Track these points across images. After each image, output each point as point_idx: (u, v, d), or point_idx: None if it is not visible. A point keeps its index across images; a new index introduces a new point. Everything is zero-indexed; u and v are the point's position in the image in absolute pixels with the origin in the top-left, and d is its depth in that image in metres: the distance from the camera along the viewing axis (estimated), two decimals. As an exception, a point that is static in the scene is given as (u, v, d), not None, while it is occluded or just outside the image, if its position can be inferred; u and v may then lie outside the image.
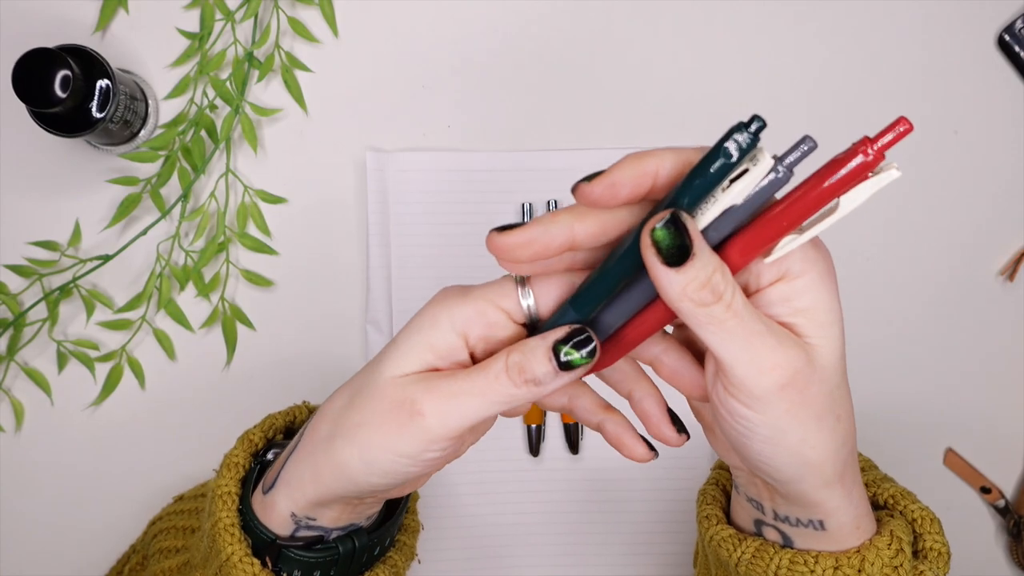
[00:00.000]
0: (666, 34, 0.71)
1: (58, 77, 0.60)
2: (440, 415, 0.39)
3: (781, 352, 0.36)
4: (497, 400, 0.38)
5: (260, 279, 0.70)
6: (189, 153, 0.68)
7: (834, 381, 0.38)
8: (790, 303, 0.37)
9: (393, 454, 0.39)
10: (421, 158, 0.70)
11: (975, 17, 0.71)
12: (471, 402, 0.38)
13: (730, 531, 0.46)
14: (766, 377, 0.36)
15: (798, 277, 0.36)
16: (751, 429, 0.37)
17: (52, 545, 0.71)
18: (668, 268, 0.34)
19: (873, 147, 0.32)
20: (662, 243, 0.34)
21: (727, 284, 0.35)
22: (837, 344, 0.38)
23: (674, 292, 0.35)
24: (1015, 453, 0.72)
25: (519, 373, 0.38)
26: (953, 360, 0.72)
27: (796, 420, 0.37)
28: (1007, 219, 0.72)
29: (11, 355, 0.69)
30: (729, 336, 0.35)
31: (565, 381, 0.38)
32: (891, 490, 0.47)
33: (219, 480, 0.48)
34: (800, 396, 0.36)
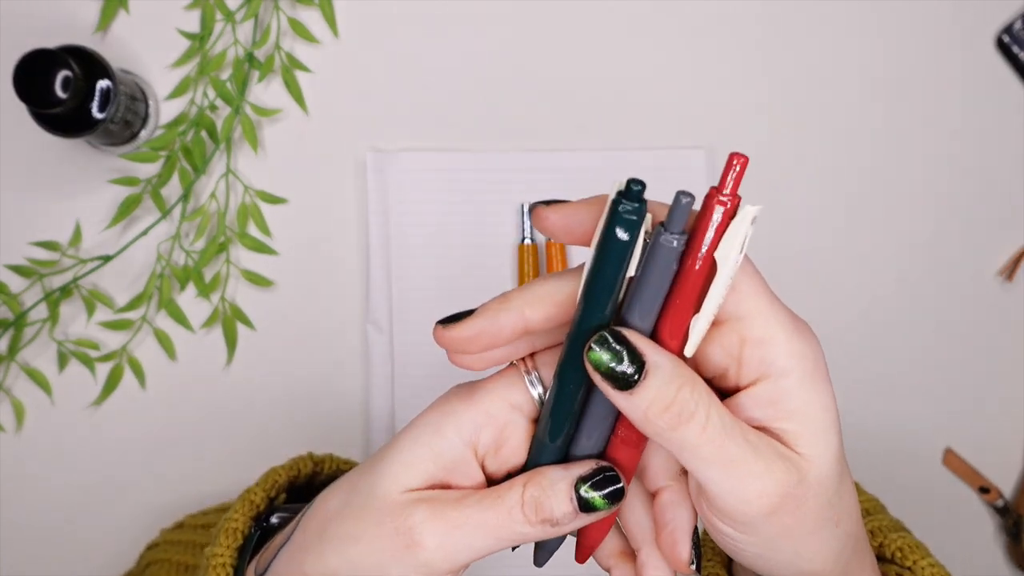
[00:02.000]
0: (666, 37, 0.72)
1: (59, 78, 0.60)
2: (442, 549, 0.34)
3: (767, 478, 0.31)
4: (507, 537, 0.34)
5: (260, 279, 0.70)
6: (189, 153, 0.68)
7: (831, 489, 0.33)
8: (777, 406, 0.32)
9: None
10: (421, 158, 0.70)
11: (974, 18, 0.71)
12: (478, 536, 0.34)
13: None
14: (752, 506, 0.31)
15: (784, 376, 0.32)
16: (740, 547, 0.34)
17: (52, 545, 0.71)
18: (620, 393, 0.30)
19: (723, 193, 0.29)
20: (601, 367, 0.30)
21: (698, 401, 0.31)
22: (832, 449, 0.33)
23: (636, 417, 0.31)
24: (1014, 453, 0.72)
25: (535, 511, 0.33)
26: (953, 360, 0.72)
27: (788, 539, 0.33)
28: (1007, 219, 0.72)
29: (12, 355, 0.69)
30: (705, 463, 0.31)
31: (587, 522, 0.34)
32: (899, 542, 0.44)
33: (215, 548, 0.43)
34: (791, 518, 0.32)
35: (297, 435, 0.71)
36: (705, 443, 0.31)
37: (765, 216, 0.75)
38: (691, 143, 0.71)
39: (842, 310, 0.72)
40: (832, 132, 0.71)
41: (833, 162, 0.72)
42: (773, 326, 0.32)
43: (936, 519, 0.71)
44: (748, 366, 0.32)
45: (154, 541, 0.64)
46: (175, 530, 0.63)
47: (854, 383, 0.72)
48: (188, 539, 0.60)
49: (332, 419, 0.71)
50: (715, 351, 0.32)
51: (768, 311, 0.32)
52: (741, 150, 0.32)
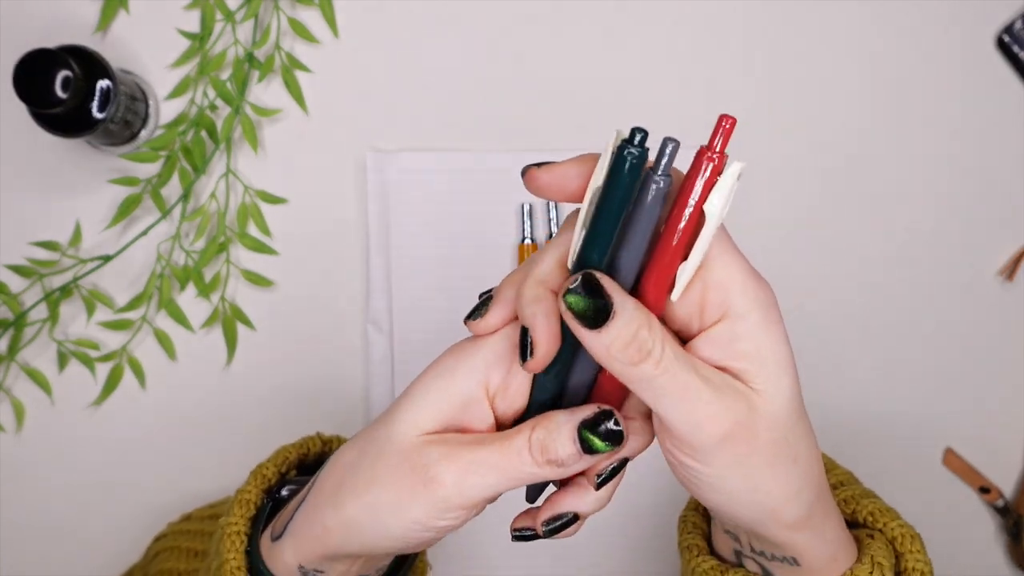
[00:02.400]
0: (666, 37, 0.72)
1: (59, 77, 0.60)
2: (458, 485, 0.37)
3: (717, 404, 0.34)
4: (517, 477, 0.37)
5: (260, 279, 0.70)
6: (189, 153, 0.68)
7: (786, 426, 0.36)
8: (733, 345, 0.35)
9: (406, 519, 0.37)
10: (421, 158, 0.70)
11: (974, 18, 0.71)
12: (490, 476, 0.37)
13: (712, 562, 0.45)
14: (704, 431, 0.34)
15: (741, 317, 0.35)
16: (700, 479, 0.36)
17: (52, 545, 0.71)
18: (588, 331, 0.33)
19: (714, 151, 0.33)
20: (575, 308, 0.33)
21: (655, 340, 0.33)
22: (786, 389, 0.35)
23: (600, 353, 0.34)
24: (1014, 453, 0.72)
25: (541, 452, 0.36)
26: (952, 360, 0.72)
27: (744, 469, 0.35)
28: (1007, 219, 0.72)
29: (12, 355, 0.69)
30: (661, 393, 0.34)
31: (588, 465, 0.37)
32: (870, 507, 0.46)
33: (229, 518, 0.45)
34: (745, 446, 0.35)
35: (297, 435, 0.71)
36: (660, 375, 0.34)
37: (765, 215, 0.75)
38: (691, 143, 0.71)
39: (842, 310, 0.72)
40: (832, 132, 0.71)
41: (833, 162, 0.72)
42: (733, 271, 0.35)
43: (936, 519, 0.71)
44: (709, 309, 0.35)
45: (161, 532, 0.64)
46: (183, 522, 0.64)
47: (854, 383, 0.72)
48: (196, 528, 0.61)
49: (332, 419, 0.71)
50: (681, 299, 0.35)
51: (729, 259, 0.35)
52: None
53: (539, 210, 0.70)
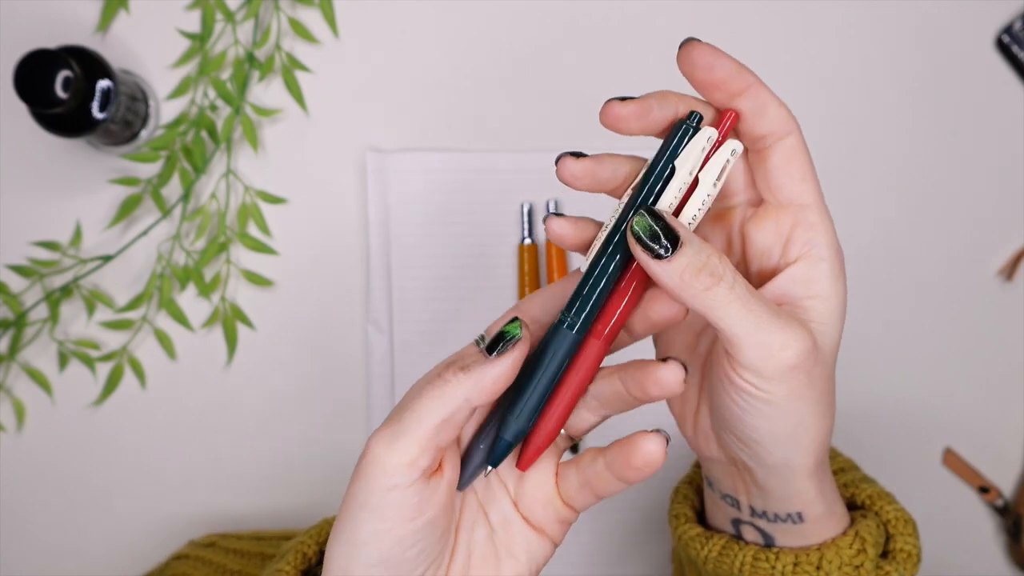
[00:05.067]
0: (666, 37, 0.72)
1: (59, 78, 0.60)
2: (381, 441, 0.36)
3: (791, 332, 0.36)
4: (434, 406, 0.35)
5: (260, 279, 0.70)
6: (190, 153, 0.69)
7: (832, 368, 0.39)
8: (809, 285, 0.38)
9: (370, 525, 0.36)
10: (421, 158, 0.70)
11: (974, 18, 0.71)
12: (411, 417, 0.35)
13: (698, 529, 0.45)
14: (776, 357, 0.36)
15: (821, 261, 0.38)
16: (754, 407, 0.37)
17: (52, 545, 0.71)
18: (660, 260, 0.35)
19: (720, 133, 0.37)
20: (644, 237, 0.35)
21: (725, 266, 0.35)
22: (837, 335, 0.39)
23: (673, 283, 0.35)
24: (1014, 453, 0.72)
25: (446, 368, 0.36)
26: (952, 360, 0.72)
27: (799, 401, 0.37)
28: (1006, 219, 0.72)
29: (12, 355, 0.69)
30: (737, 318, 0.35)
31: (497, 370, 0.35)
32: (868, 491, 0.47)
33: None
34: (806, 378, 0.36)
35: (297, 435, 0.71)
36: (734, 300, 0.35)
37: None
38: (691, 143, 0.71)
39: (842, 310, 0.72)
40: (832, 132, 0.71)
41: (832, 162, 0.72)
42: (825, 218, 0.39)
43: (936, 519, 0.71)
44: (794, 244, 0.38)
45: (182, 552, 0.64)
46: (206, 547, 0.63)
47: (854, 382, 0.72)
48: (218, 561, 0.60)
49: (332, 419, 0.71)
50: (768, 228, 0.39)
51: (822, 207, 0.39)
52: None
53: (539, 210, 0.71)
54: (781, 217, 0.39)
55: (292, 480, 0.71)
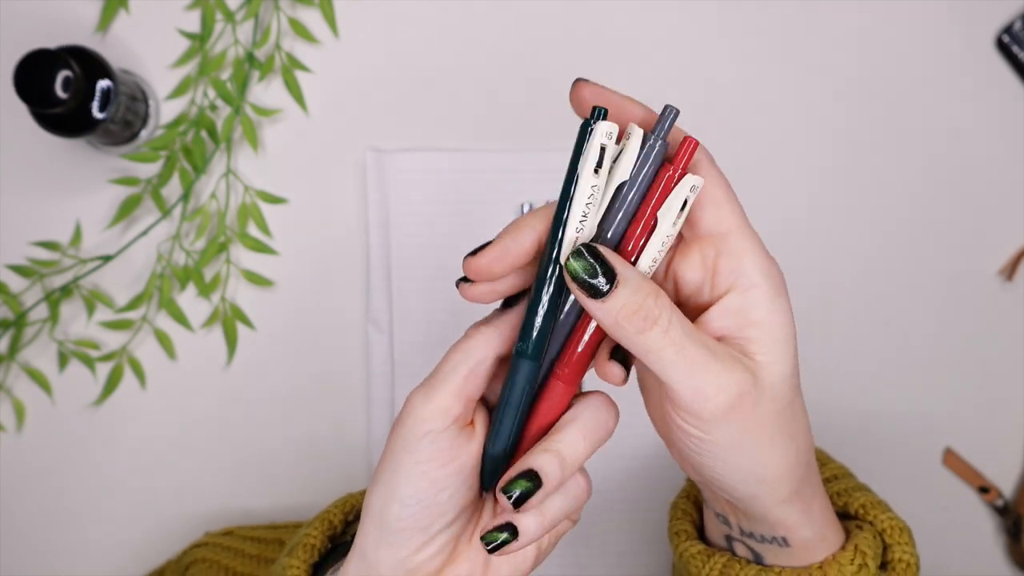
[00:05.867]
0: (666, 37, 0.72)
1: (59, 78, 0.60)
2: (420, 389, 0.39)
3: (724, 376, 0.35)
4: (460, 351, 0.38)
5: (260, 279, 0.70)
6: (190, 153, 0.69)
7: (785, 400, 0.37)
8: (742, 315, 0.36)
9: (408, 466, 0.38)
10: (421, 158, 0.70)
11: (974, 18, 0.71)
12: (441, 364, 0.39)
13: (699, 547, 0.45)
14: (710, 402, 0.35)
15: (752, 288, 0.36)
16: (702, 448, 0.37)
17: (52, 545, 0.71)
18: (594, 300, 0.34)
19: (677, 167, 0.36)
20: (579, 277, 0.34)
21: (660, 308, 0.34)
22: (787, 361, 0.37)
23: (608, 322, 0.35)
24: (1014, 453, 0.72)
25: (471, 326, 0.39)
26: (952, 360, 0.72)
27: (746, 441, 0.36)
28: (1007, 219, 0.72)
29: (12, 355, 0.69)
30: (670, 362, 0.35)
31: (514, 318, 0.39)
32: (861, 499, 0.46)
33: (291, 560, 0.45)
34: (749, 417, 0.36)
35: (297, 435, 0.71)
36: (668, 345, 0.34)
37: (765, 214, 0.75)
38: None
39: (841, 309, 0.72)
40: (832, 132, 0.71)
41: (832, 162, 0.72)
42: (749, 242, 0.37)
43: (936, 519, 0.71)
44: (721, 276, 0.36)
45: (200, 541, 0.65)
46: (223, 535, 0.64)
47: (854, 382, 0.72)
48: (237, 547, 0.62)
49: (332, 419, 0.71)
50: (694, 264, 0.37)
51: (746, 230, 0.37)
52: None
53: (539, 210, 0.70)
54: (704, 250, 0.37)
55: (292, 480, 0.71)
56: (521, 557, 0.42)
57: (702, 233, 0.37)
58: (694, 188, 0.35)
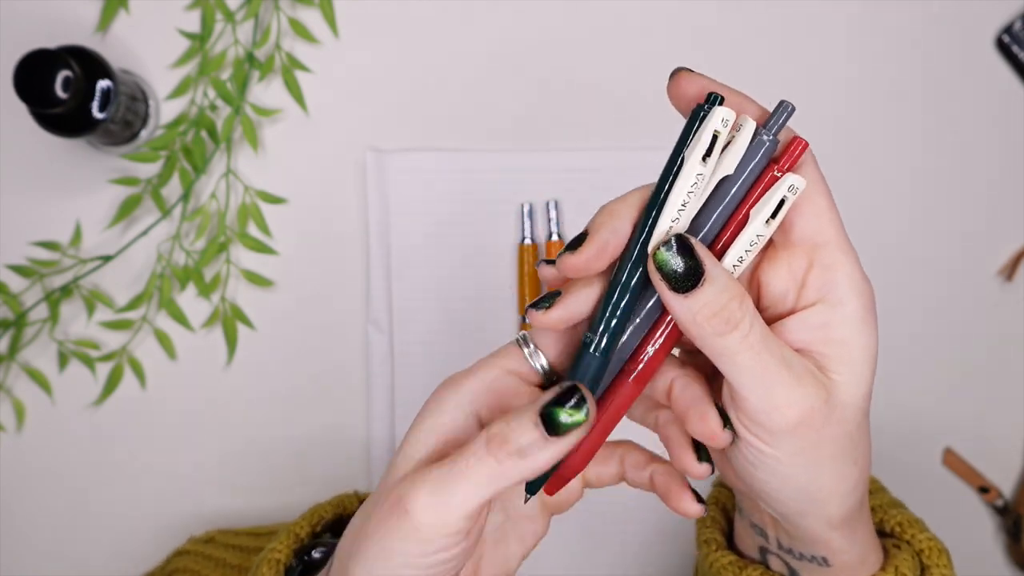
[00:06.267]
0: (666, 36, 0.72)
1: (59, 78, 0.60)
2: (427, 510, 0.33)
3: (798, 390, 0.34)
4: (483, 482, 0.33)
5: (260, 279, 0.70)
6: (190, 153, 0.68)
7: (854, 423, 0.35)
8: (826, 330, 0.34)
9: (396, 563, 0.34)
10: (421, 158, 0.70)
11: (974, 18, 0.71)
12: (458, 489, 0.33)
13: (731, 557, 0.44)
14: (779, 414, 0.34)
15: (841, 304, 0.34)
16: (761, 461, 0.35)
17: (52, 545, 0.71)
18: (676, 294, 0.32)
19: (779, 168, 0.34)
20: (665, 268, 0.32)
21: (744, 313, 0.33)
22: (864, 385, 0.35)
23: (685, 319, 0.33)
24: (1014, 453, 0.72)
25: (501, 446, 0.33)
26: (952, 360, 0.72)
27: (808, 460, 0.35)
28: (1006, 219, 0.72)
29: (12, 355, 0.69)
30: (741, 369, 0.33)
31: (559, 449, 0.33)
32: (898, 517, 0.45)
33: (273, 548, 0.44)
34: (815, 436, 0.34)
35: (297, 435, 0.71)
36: (744, 350, 0.33)
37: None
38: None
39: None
40: (831, 132, 0.71)
41: (832, 162, 0.72)
42: (843, 256, 0.35)
43: (936, 519, 0.71)
44: (810, 288, 0.35)
45: (183, 548, 0.64)
46: (205, 543, 0.64)
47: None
48: (219, 556, 0.61)
49: (332, 419, 0.71)
50: (781, 272, 0.35)
51: (842, 243, 0.35)
52: None
53: (539, 210, 0.71)
54: (794, 259, 0.35)
55: (292, 480, 0.71)
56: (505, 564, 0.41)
57: (795, 240, 0.35)
58: (793, 189, 0.34)
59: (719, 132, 0.33)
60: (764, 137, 0.34)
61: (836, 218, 0.35)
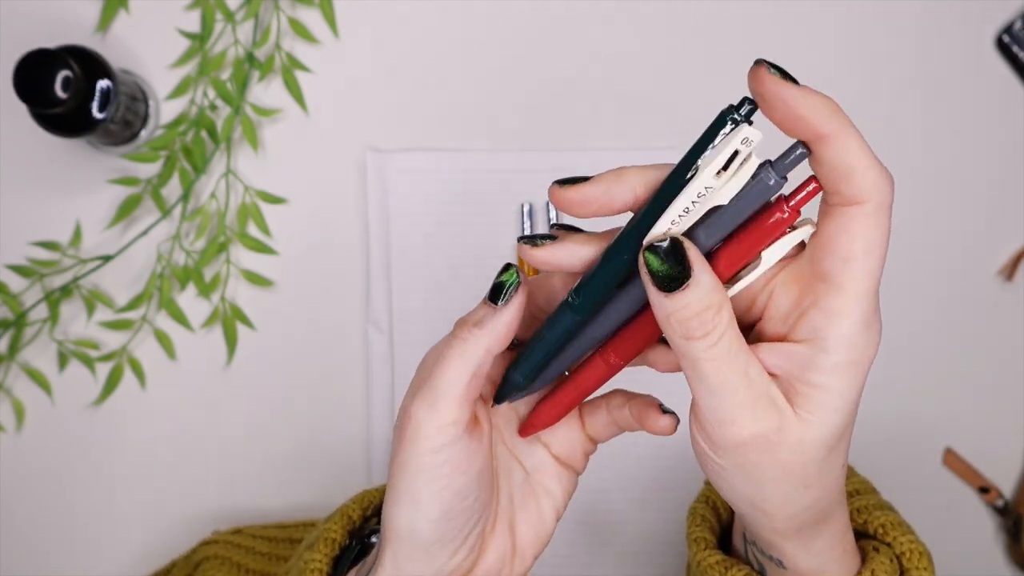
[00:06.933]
0: (667, 37, 0.72)
1: (59, 78, 0.60)
2: (422, 408, 0.37)
3: (748, 412, 0.33)
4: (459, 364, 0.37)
5: (260, 279, 0.70)
6: (190, 153, 0.68)
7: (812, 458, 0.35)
8: (805, 371, 0.33)
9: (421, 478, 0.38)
10: (421, 158, 0.70)
11: (974, 18, 0.71)
12: (441, 381, 0.37)
13: (717, 557, 0.45)
14: (723, 430, 0.34)
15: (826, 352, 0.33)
16: (706, 464, 0.36)
17: (52, 545, 0.71)
18: (657, 292, 0.33)
19: (788, 205, 0.33)
20: (652, 268, 0.33)
21: (716, 324, 0.33)
22: (833, 431, 0.34)
23: (659, 315, 0.33)
24: (1014, 453, 0.72)
25: (462, 326, 0.37)
26: (952, 360, 0.72)
27: (751, 475, 0.35)
28: (1006, 219, 0.72)
29: (12, 355, 0.69)
30: (699, 377, 0.33)
31: (506, 317, 0.37)
32: (882, 519, 0.45)
33: (313, 553, 0.45)
34: (758, 458, 0.34)
35: (297, 435, 0.71)
36: (707, 360, 0.33)
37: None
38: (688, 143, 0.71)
39: (842, 310, 0.72)
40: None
41: (833, 162, 0.72)
42: (854, 309, 0.33)
43: (936, 519, 0.71)
44: (805, 325, 0.34)
45: (210, 539, 0.65)
46: (233, 534, 0.65)
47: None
48: (248, 544, 0.62)
49: (332, 419, 0.71)
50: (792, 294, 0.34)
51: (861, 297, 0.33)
52: None
53: (539, 210, 0.71)
54: (804, 290, 0.34)
55: (291, 479, 0.71)
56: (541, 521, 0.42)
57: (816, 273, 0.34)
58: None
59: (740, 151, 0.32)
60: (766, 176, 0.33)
61: (871, 269, 0.33)
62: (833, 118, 0.34)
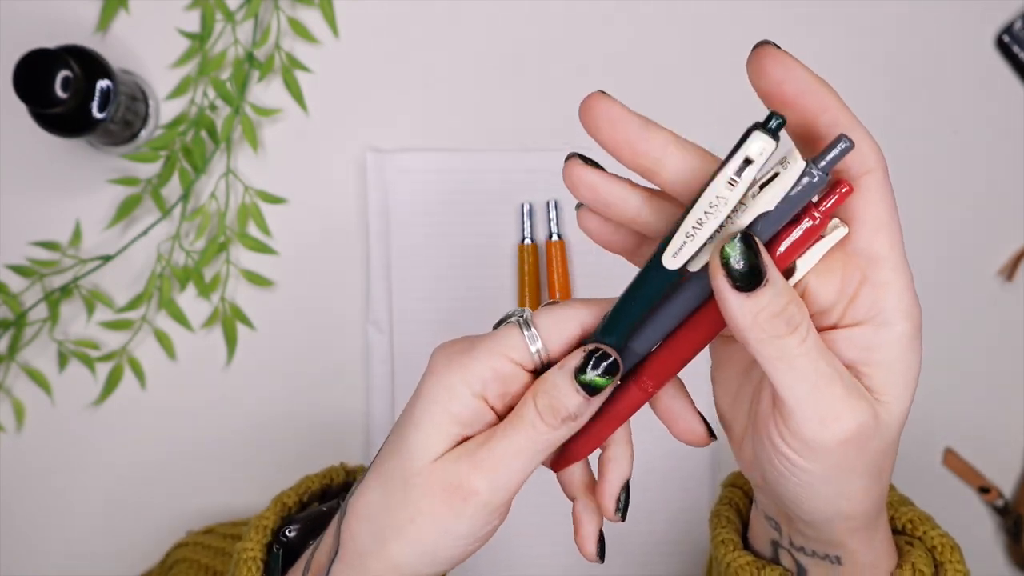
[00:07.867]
0: (667, 37, 0.72)
1: (59, 78, 0.60)
2: (494, 487, 0.37)
3: (848, 404, 0.33)
4: (540, 449, 0.37)
5: (260, 279, 0.70)
6: (190, 153, 0.68)
7: (890, 441, 0.35)
8: (870, 352, 0.33)
9: (454, 539, 0.38)
10: (421, 158, 0.70)
11: (974, 18, 0.71)
12: (517, 462, 0.37)
13: (748, 558, 0.44)
14: (827, 429, 0.33)
15: (888, 325, 0.33)
16: (792, 473, 0.35)
17: (52, 545, 0.71)
18: (739, 293, 0.31)
19: (819, 211, 0.32)
20: (734, 264, 0.31)
21: (803, 316, 0.32)
22: (904, 409, 0.34)
23: (744, 321, 0.31)
24: (1014, 453, 0.72)
25: (553, 415, 0.36)
26: (952, 360, 0.72)
27: (843, 474, 0.34)
28: (1006, 219, 0.72)
29: (12, 355, 0.69)
30: (796, 376, 0.32)
31: (597, 406, 0.37)
32: (909, 515, 0.46)
33: (245, 543, 0.45)
34: (857, 452, 0.34)
35: (297, 435, 0.71)
36: (801, 355, 0.32)
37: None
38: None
39: (842, 310, 0.72)
40: (832, 132, 0.71)
41: (833, 162, 0.72)
42: (899, 276, 0.33)
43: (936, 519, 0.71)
44: (859, 305, 0.33)
45: (183, 540, 0.65)
46: (204, 534, 0.65)
47: (854, 383, 0.72)
48: (217, 545, 0.62)
49: (332, 419, 0.71)
50: (834, 282, 0.33)
51: (900, 262, 0.33)
52: None
53: (539, 210, 0.71)
54: (848, 271, 0.33)
55: (292, 479, 0.71)
56: None
57: (850, 251, 0.33)
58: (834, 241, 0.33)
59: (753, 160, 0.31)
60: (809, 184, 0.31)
61: (897, 234, 0.34)
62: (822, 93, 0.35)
